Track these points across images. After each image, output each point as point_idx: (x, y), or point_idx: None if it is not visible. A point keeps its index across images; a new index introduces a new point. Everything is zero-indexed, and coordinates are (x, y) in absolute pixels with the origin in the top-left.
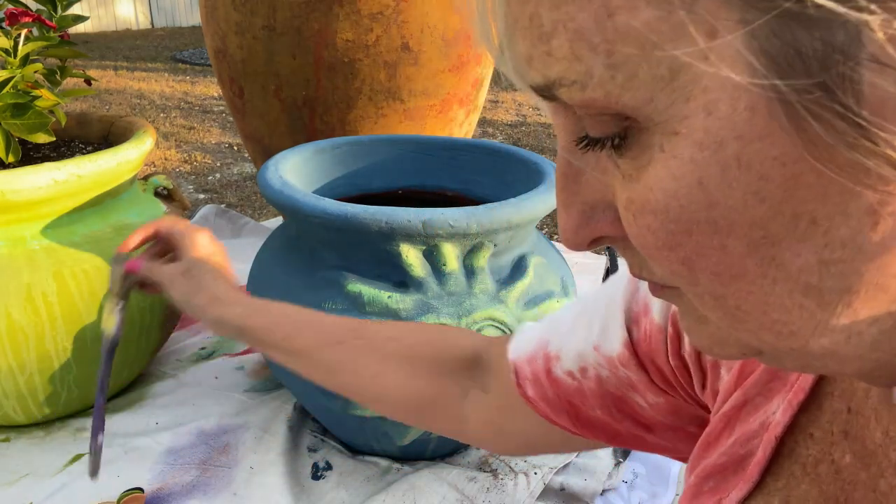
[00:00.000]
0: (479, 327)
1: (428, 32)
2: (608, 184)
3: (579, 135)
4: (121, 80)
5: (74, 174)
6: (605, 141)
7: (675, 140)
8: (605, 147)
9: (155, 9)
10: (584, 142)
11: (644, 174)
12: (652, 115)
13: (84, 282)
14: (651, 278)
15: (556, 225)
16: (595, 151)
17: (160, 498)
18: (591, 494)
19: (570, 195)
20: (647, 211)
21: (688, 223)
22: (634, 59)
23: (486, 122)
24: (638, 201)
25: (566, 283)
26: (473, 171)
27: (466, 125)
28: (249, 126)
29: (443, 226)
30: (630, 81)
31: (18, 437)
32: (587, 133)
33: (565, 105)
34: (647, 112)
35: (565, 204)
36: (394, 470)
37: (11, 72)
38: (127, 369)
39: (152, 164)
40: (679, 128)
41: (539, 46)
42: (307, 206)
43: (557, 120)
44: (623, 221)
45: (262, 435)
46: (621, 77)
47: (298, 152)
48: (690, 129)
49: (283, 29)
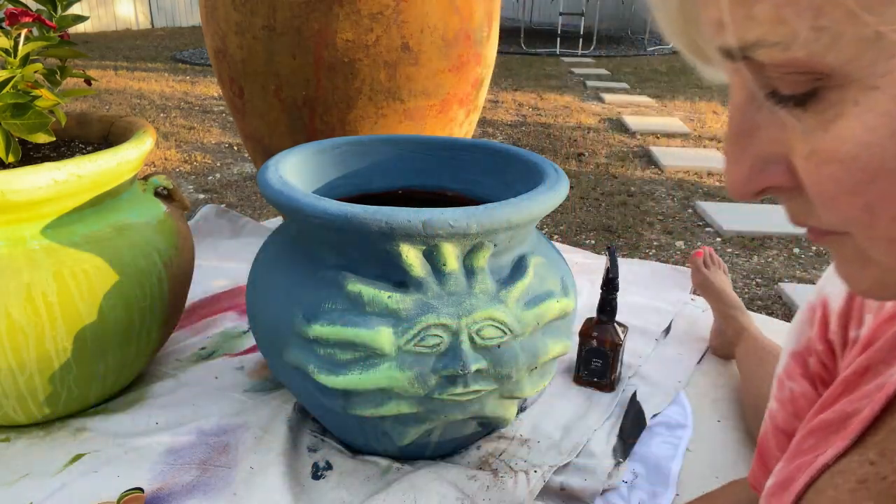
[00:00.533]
0: (478, 327)
1: (428, 32)
2: (782, 138)
3: (765, 91)
4: (121, 80)
5: (74, 174)
6: (793, 98)
7: (872, 94)
8: (790, 103)
9: (155, 9)
10: (772, 98)
11: (833, 126)
12: (851, 73)
13: (84, 282)
14: (817, 225)
15: (555, 225)
16: (776, 107)
17: (160, 498)
18: (591, 494)
19: (742, 149)
20: (833, 160)
21: (875, 171)
22: (842, 22)
23: (486, 122)
24: (824, 152)
25: (566, 283)
26: (473, 171)
27: (466, 125)
28: (249, 126)
29: (443, 226)
30: (835, 43)
31: (18, 437)
32: (776, 90)
33: (754, 65)
34: (846, 70)
35: (736, 158)
36: (394, 469)
37: (11, 72)
38: (127, 369)
39: (152, 164)
40: (878, 83)
41: (738, 11)
42: (307, 206)
43: (736, 79)
44: (801, 172)
45: (262, 435)
46: (827, 38)
47: (298, 152)
48: (889, 84)
49: (283, 29)
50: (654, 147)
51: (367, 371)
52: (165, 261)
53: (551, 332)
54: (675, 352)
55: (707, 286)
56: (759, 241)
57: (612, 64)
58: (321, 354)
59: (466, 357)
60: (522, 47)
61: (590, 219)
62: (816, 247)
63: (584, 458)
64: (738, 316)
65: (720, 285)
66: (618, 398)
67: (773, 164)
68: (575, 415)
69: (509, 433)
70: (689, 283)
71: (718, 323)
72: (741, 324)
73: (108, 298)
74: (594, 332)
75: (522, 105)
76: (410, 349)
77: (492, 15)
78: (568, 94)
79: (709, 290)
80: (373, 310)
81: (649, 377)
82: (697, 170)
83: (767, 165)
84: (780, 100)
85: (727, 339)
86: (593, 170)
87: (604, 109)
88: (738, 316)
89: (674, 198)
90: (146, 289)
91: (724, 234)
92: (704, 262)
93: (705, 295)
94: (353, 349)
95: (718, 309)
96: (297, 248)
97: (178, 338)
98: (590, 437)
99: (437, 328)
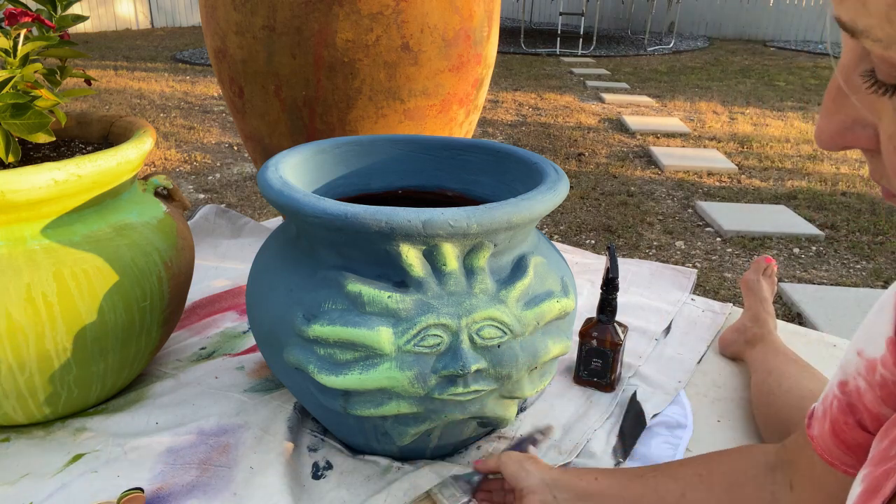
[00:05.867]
0: (479, 327)
1: (428, 32)
2: (876, 107)
3: (867, 68)
4: (121, 80)
5: (74, 174)
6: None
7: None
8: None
9: (155, 9)
10: (870, 80)
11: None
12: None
13: (84, 282)
14: (888, 188)
15: (555, 225)
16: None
17: (160, 498)
18: None
19: (838, 106)
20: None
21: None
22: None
23: (486, 122)
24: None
25: (566, 283)
26: (473, 171)
27: (466, 125)
28: (249, 126)
29: (443, 226)
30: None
31: (18, 437)
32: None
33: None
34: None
35: (830, 111)
36: (394, 469)
37: (11, 72)
38: (127, 369)
39: (152, 164)
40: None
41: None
42: (307, 206)
43: (849, 43)
44: (882, 144)
45: (262, 435)
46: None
47: (298, 152)
48: None
49: (283, 29)
50: (653, 147)
51: (367, 371)
52: (165, 261)
53: (551, 332)
54: (675, 352)
55: (754, 287)
56: (759, 241)
57: (612, 64)
58: (321, 354)
59: (466, 357)
60: (522, 47)
61: (590, 219)
62: (816, 247)
63: (584, 458)
64: (769, 321)
65: (765, 293)
66: (618, 398)
67: (862, 126)
68: (575, 415)
69: (509, 433)
70: (689, 283)
71: (744, 322)
72: (769, 328)
73: (108, 298)
74: (594, 332)
75: (522, 105)
76: (410, 349)
77: (492, 15)
78: (568, 94)
79: (754, 290)
80: (373, 310)
81: (649, 377)
82: (697, 170)
83: (856, 126)
84: (878, 85)
85: (746, 338)
86: (593, 170)
87: (604, 109)
88: (769, 321)
89: (674, 198)
90: (146, 289)
91: (724, 234)
92: (765, 270)
93: (748, 294)
94: (353, 349)
95: (755, 310)
96: (297, 248)
97: (178, 338)
98: (590, 437)
99: (437, 328)
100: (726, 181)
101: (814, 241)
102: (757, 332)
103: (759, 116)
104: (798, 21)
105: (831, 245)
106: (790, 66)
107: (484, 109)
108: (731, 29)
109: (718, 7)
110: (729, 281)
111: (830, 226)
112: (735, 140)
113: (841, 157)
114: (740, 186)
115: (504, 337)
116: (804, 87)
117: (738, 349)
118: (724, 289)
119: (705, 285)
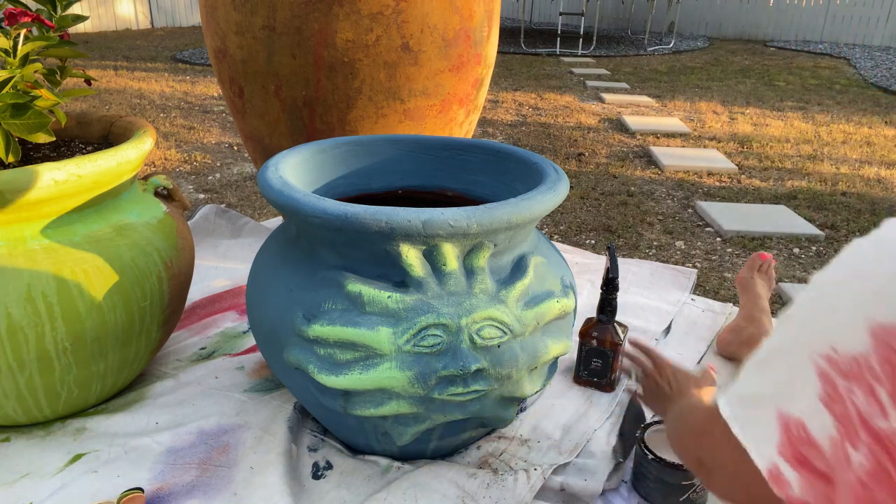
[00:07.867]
0: (478, 327)
1: (428, 32)
2: None
3: None
4: (121, 80)
5: (74, 174)
6: None
7: None
8: None
9: (155, 9)
10: None
11: None
12: None
13: (84, 282)
14: None
15: (555, 225)
16: None
17: (160, 498)
18: (591, 494)
19: None
20: None
21: None
22: None
23: (486, 122)
24: None
25: (566, 283)
26: (473, 171)
27: (466, 125)
28: (249, 126)
29: (443, 226)
30: None
31: (18, 437)
32: None
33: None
34: None
35: None
36: (394, 468)
37: (11, 72)
38: (127, 369)
39: (152, 164)
40: None
41: None
42: (307, 206)
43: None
44: None
45: (262, 435)
46: None
47: (298, 152)
48: None
49: (283, 29)
50: (653, 147)
51: (367, 371)
52: (165, 261)
53: (551, 332)
54: (675, 352)
55: (748, 284)
56: (759, 241)
57: (612, 64)
58: (321, 354)
59: (466, 357)
60: (522, 47)
61: (590, 219)
62: (816, 247)
63: (584, 458)
64: (764, 320)
65: (759, 290)
66: (618, 398)
67: None
68: (575, 415)
69: (509, 433)
70: (689, 283)
71: (739, 322)
72: (764, 327)
73: (108, 298)
74: (594, 332)
75: (522, 105)
76: (410, 349)
77: (492, 15)
78: (568, 94)
79: (748, 288)
80: (373, 310)
81: None
82: (697, 170)
83: None
84: None
85: (741, 339)
86: (593, 170)
87: (604, 109)
88: (764, 320)
89: (674, 198)
90: (146, 289)
91: (724, 234)
92: (760, 266)
93: (742, 292)
94: (353, 349)
95: (748, 308)
96: (297, 248)
97: (178, 338)
98: (590, 437)
99: (436, 328)
100: (726, 181)
101: (814, 241)
102: (752, 331)
103: (759, 116)
104: (798, 21)
105: (831, 245)
106: (790, 66)
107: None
108: (731, 29)
109: (718, 7)
110: (729, 281)
111: (830, 226)
112: (735, 140)
113: (841, 157)
114: (740, 186)
115: (504, 337)
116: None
117: (735, 349)
118: (724, 289)
119: (705, 285)
